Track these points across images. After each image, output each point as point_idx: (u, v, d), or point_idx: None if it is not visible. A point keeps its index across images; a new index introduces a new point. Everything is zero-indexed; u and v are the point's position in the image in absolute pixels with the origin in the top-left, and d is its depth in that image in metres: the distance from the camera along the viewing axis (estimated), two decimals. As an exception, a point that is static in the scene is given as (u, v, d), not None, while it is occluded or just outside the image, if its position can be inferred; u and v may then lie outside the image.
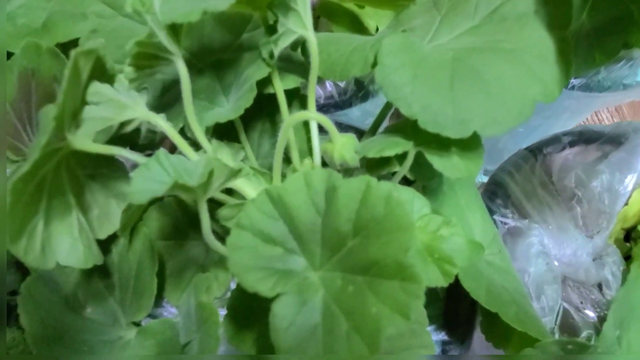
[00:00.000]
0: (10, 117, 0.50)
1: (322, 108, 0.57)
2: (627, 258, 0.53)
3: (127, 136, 0.37)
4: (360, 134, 0.45)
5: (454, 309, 0.46)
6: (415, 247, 0.22)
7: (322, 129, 0.35)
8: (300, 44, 0.40)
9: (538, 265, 0.47)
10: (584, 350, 0.32)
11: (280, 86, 0.38)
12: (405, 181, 0.39)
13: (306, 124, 0.39)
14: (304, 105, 0.41)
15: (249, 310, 0.35)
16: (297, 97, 0.43)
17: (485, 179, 0.75)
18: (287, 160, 0.41)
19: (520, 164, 0.55)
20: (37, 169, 0.31)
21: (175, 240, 0.45)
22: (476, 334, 0.46)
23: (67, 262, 0.34)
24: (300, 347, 0.24)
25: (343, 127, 0.52)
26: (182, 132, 0.38)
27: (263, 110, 0.43)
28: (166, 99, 0.39)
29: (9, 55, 0.49)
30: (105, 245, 0.42)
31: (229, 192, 0.40)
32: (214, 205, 0.42)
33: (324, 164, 0.37)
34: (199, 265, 0.46)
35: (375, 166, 0.37)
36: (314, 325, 0.24)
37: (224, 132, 0.40)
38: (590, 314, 0.47)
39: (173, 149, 0.36)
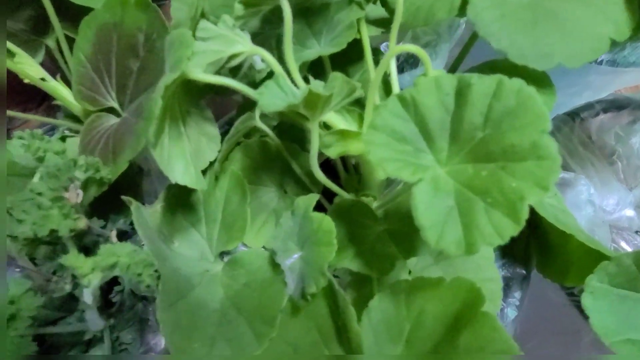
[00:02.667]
0: (87, 70, 0.52)
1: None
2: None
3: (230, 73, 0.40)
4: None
5: (510, 248, 0.50)
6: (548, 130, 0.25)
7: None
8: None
9: (587, 211, 0.50)
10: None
11: (366, 30, 0.41)
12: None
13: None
14: (376, 56, 0.44)
15: (349, 235, 0.38)
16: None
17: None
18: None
19: (560, 126, 0.59)
20: (167, 90, 0.33)
21: (251, 185, 0.48)
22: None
23: (183, 182, 0.36)
24: (439, 224, 0.27)
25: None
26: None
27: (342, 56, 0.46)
28: (259, 40, 0.42)
29: (87, 11, 0.51)
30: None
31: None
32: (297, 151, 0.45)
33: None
34: (270, 210, 0.49)
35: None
36: (449, 207, 0.27)
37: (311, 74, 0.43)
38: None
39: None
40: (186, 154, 0.37)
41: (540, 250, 0.48)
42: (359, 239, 0.38)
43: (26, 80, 0.54)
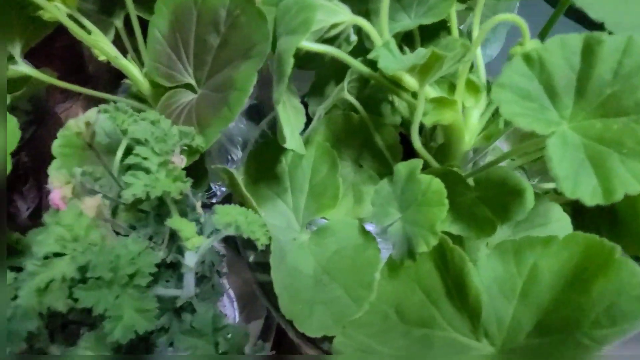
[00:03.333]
0: (163, 47, 0.53)
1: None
2: None
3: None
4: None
5: (581, 221, 0.51)
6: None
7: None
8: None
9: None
10: None
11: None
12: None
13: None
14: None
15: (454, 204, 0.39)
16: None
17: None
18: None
19: None
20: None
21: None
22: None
23: (290, 146, 0.37)
24: (573, 175, 0.28)
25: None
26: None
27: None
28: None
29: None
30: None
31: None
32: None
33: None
34: (348, 184, 0.50)
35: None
36: (580, 159, 0.28)
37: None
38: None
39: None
40: (291, 121, 0.38)
41: (610, 223, 0.50)
42: (455, 204, 0.39)
43: (101, 58, 0.55)
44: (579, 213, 0.52)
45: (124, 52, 0.57)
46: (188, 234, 0.38)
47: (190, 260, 0.39)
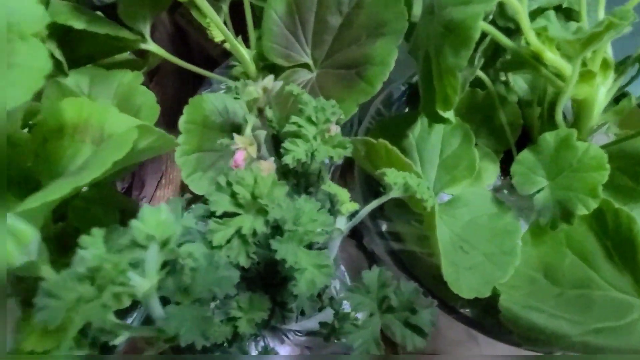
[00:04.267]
0: (281, 29, 0.55)
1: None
2: None
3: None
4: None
5: None
6: None
7: None
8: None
9: None
10: None
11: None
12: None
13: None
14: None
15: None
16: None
17: None
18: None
19: None
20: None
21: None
22: None
23: (447, 115, 0.39)
24: None
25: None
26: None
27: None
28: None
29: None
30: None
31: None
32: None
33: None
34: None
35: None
36: None
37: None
38: None
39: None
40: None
41: None
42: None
43: (217, 39, 0.57)
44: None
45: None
46: (344, 198, 0.39)
47: (341, 224, 0.40)
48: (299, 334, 0.52)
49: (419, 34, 0.45)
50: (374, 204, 0.38)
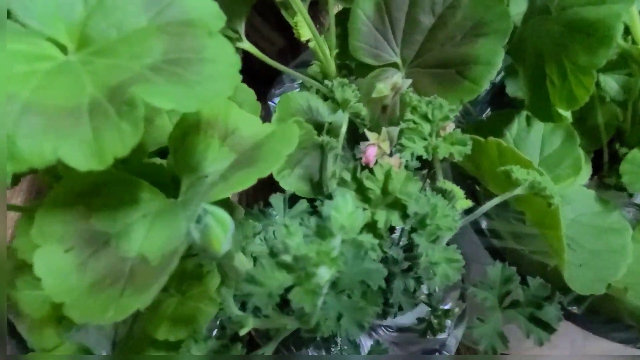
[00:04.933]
0: (369, 29, 0.55)
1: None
2: None
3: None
4: None
5: None
6: None
7: None
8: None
9: None
10: None
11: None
12: None
13: None
14: None
15: None
16: None
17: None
18: None
19: None
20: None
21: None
22: None
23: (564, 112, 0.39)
24: None
25: None
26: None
27: None
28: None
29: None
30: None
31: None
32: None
33: None
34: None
35: None
36: None
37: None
38: None
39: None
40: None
41: None
42: None
43: (303, 38, 0.58)
44: None
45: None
46: (459, 195, 0.40)
47: (454, 221, 0.41)
48: (390, 329, 0.52)
49: (525, 34, 0.45)
50: (495, 201, 0.39)
